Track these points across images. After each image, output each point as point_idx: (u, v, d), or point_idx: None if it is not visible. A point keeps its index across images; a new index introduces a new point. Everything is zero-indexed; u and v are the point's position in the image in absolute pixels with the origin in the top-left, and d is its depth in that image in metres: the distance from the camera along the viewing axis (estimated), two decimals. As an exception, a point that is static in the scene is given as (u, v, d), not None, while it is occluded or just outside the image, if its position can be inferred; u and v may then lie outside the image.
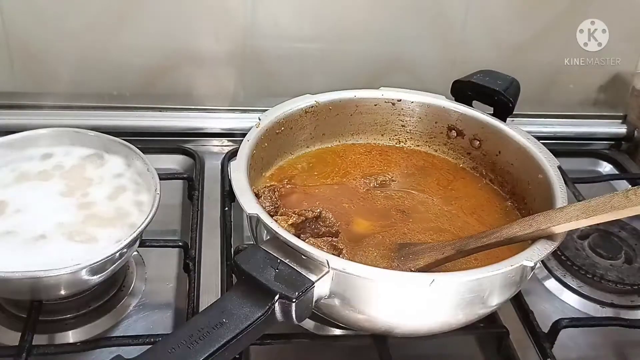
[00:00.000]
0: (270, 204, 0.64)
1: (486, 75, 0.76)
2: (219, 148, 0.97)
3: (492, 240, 0.57)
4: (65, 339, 0.64)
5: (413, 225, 0.67)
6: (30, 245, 0.61)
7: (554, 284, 0.77)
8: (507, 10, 0.96)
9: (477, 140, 0.76)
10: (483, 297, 0.55)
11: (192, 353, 0.47)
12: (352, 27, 0.95)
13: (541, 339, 0.67)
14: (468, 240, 0.59)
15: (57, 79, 0.92)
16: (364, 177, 0.74)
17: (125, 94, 0.95)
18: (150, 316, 0.68)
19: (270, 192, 0.65)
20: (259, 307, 0.50)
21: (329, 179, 0.73)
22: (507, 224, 0.58)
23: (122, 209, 0.66)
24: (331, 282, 0.53)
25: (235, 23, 0.92)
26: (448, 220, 0.69)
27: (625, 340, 0.70)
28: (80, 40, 0.90)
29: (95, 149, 0.73)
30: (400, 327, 0.58)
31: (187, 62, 0.94)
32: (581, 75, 1.02)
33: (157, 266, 0.74)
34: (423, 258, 0.60)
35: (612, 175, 0.99)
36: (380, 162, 0.78)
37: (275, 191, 0.66)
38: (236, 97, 0.98)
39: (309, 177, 0.73)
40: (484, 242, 0.58)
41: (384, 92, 0.78)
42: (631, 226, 0.83)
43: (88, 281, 0.62)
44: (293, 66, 0.96)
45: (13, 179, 0.69)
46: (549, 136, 1.03)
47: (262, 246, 0.54)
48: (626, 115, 1.07)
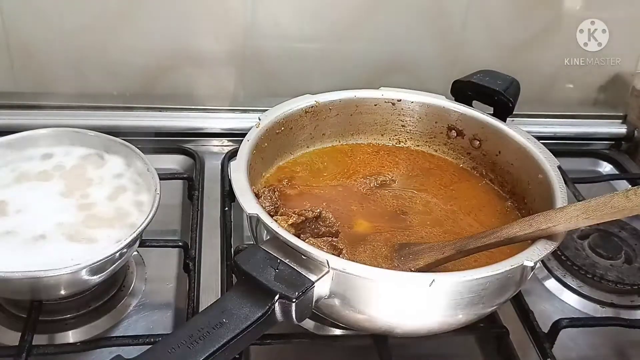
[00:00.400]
0: (270, 204, 0.64)
1: (486, 75, 0.76)
2: (219, 148, 0.97)
3: (492, 240, 0.57)
4: (65, 339, 0.64)
5: (412, 225, 0.67)
6: (30, 245, 0.61)
7: (554, 284, 0.77)
8: (507, 10, 0.96)
9: (477, 140, 0.76)
10: (483, 297, 0.55)
11: (192, 353, 0.47)
12: (352, 27, 0.95)
13: (541, 339, 0.67)
14: (468, 240, 0.59)
15: (57, 79, 0.92)
16: (364, 177, 0.74)
17: (125, 94, 0.95)
18: (150, 316, 0.68)
19: (270, 192, 0.65)
20: (259, 307, 0.50)
21: (329, 179, 0.73)
22: (507, 224, 0.58)
23: (122, 209, 0.66)
24: (331, 282, 0.53)
25: (235, 23, 0.92)
26: (447, 220, 0.69)
27: (625, 340, 0.70)
28: (80, 40, 0.90)
29: (95, 149, 0.73)
30: (400, 327, 0.58)
31: (187, 62, 0.94)
32: (581, 75, 1.02)
33: (157, 266, 0.74)
34: (423, 258, 0.60)
35: (612, 175, 0.99)
36: (380, 162, 0.78)
37: (275, 191, 0.66)
38: (236, 97, 0.98)
39: (309, 177, 0.73)
40: (484, 242, 0.58)
41: (384, 92, 0.78)
42: (631, 226, 0.83)
43: (88, 281, 0.62)
44: (293, 66, 0.96)
45: (13, 179, 0.69)
46: (549, 136, 1.03)
47: (262, 246, 0.54)
48: (626, 115, 1.07)
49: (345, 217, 0.67)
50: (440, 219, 0.69)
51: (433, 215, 0.69)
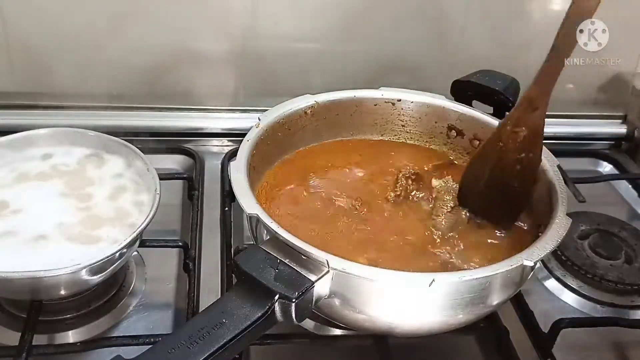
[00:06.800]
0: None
1: (486, 75, 0.76)
2: (219, 148, 0.97)
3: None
4: (65, 339, 0.64)
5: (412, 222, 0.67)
6: (30, 245, 0.61)
7: (554, 284, 0.77)
8: (507, 10, 0.96)
9: (477, 140, 0.76)
10: (483, 297, 0.55)
11: (192, 353, 0.47)
12: (352, 27, 0.95)
13: (541, 339, 0.67)
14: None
15: (57, 79, 0.92)
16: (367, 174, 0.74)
17: (125, 94, 0.95)
18: (150, 316, 0.68)
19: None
20: (258, 307, 0.50)
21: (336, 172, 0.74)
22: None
23: (122, 209, 0.66)
24: (331, 282, 0.53)
25: (235, 23, 0.93)
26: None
27: (625, 340, 0.70)
28: (80, 40, 0.90)
29: (95, 149, 0.73)
30: (400, 327, 0.58)
31: (187, 62, 0.94)
32: (581, 75, 1.01)
33: (157, 266, 0.74)
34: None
35: (613, 175, 0.99)
36: (381, 161, 0.77)
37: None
38: (236, 97, 0.98)
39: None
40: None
41: (384, 92, 0.78)
42: (631, 226, 0.83)
43: (88, 281, 0.62)
44: (293, 66, 0.96)
45: (13, 179, 0.69)
46: (549, 136, 1.00)
47: (262, 246, 0.54)
48: (626, 115, 1.07)
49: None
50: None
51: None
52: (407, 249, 0.63)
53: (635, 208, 0.93)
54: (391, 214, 0.68)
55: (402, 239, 0.64)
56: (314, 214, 0.67)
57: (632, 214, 0.92)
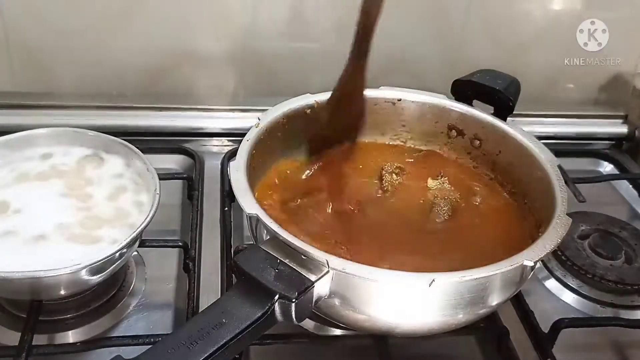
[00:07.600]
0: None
1: (486, 75, 0.76)
2: (219, 148, 0.97)
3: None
4: (65, 339, 0.64)
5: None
6: (30, 245, 0.61)
7: (554, 284, 0.77)
8: (507, 10, 0.96)
9: (478, 140, 0.76)
10: (483, 297, 0.55)
11: (192, 353, 0.47)
12: (352, 27, 0.94)
13: (541, 339, 0.67)
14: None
15: (57, 79, 0.92)
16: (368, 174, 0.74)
17: (125, 94, 0.95)
18: (150, 316, 0.68)
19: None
20: (258, 307, 0.50)
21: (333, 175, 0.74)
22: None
23: (122, 209, 0.66)
24: (331, 282, 0.53)
25: (235, 23, 0.92)
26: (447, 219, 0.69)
27: (625, 340, 0.70)
28: (80, 40, 0.90)
29: (94, 148, 0.73)
30: (400, 327, 0.58)
31: (187, 62, 0.94)
32: (581, 75, 1.01)
33: (157, 266, 0.74)
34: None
35: (613, 175, 0.99)
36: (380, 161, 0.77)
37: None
38: (236, 97, 0.98)
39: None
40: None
41: (384, 91, 0.78)
42: (631, 226, 0.83)
43: (88, 281, 0.62)
44: (293, 66, 0.96)
45: (13, 179, 0.69)
46: (549, 136, 1.02)
47: (262, 246, 0.54)
48: (627, 115, 1.07)
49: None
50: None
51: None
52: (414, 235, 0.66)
53: (636, 208, 0.93)
54: (387, 208, 0.69)
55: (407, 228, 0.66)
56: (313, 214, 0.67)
57: (632, 214, 0.92)
